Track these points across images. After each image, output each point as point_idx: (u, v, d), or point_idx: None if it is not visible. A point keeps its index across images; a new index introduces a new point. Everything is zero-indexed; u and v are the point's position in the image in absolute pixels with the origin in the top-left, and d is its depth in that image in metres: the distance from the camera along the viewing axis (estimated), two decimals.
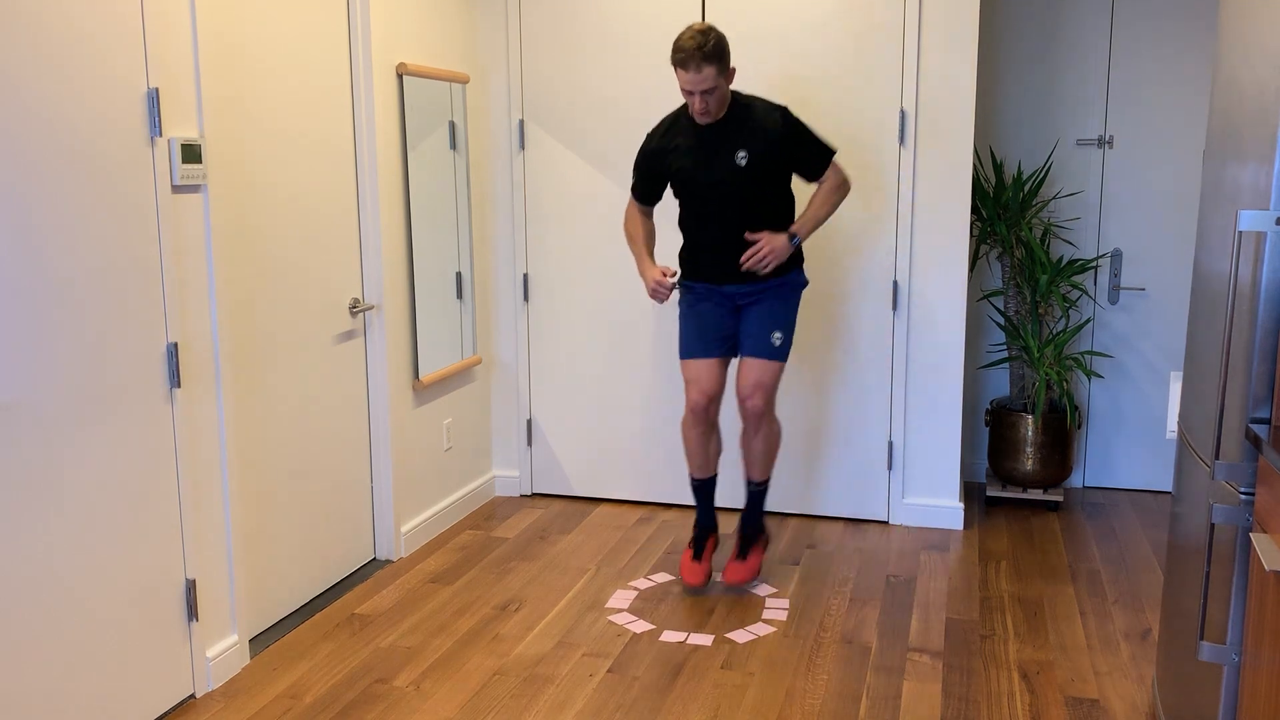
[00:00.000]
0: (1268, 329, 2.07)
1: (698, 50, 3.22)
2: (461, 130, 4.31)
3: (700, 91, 3.30)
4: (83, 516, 2.59)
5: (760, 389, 3.56)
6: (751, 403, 3.57)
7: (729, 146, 3.43)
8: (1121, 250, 4.66)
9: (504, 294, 4.64)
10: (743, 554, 3.72)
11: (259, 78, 3.25)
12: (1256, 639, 2.03)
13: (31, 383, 2.44)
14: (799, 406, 4.40)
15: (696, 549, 3.73)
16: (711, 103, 3.35)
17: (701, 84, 3.28)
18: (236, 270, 3.17)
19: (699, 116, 3.41)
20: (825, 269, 4.29)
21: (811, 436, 4.41)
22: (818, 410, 4.38)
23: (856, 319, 4.29)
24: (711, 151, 3.45)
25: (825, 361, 4.35)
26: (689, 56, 3.23)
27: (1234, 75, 2.40)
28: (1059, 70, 4.61)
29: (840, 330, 4.32)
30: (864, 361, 4.31)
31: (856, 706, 2.95)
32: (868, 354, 4.30)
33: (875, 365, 4.30)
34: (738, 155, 3.42)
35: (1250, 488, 2.10)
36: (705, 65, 3.24)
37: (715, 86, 3.30)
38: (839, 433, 4.39)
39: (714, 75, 3.27)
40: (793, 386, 4.39)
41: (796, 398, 4.40)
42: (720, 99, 3.37)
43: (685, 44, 3.24)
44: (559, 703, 2.97)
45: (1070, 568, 3.93)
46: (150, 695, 2.85)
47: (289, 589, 3.51)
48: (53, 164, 2.47)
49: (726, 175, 3.44)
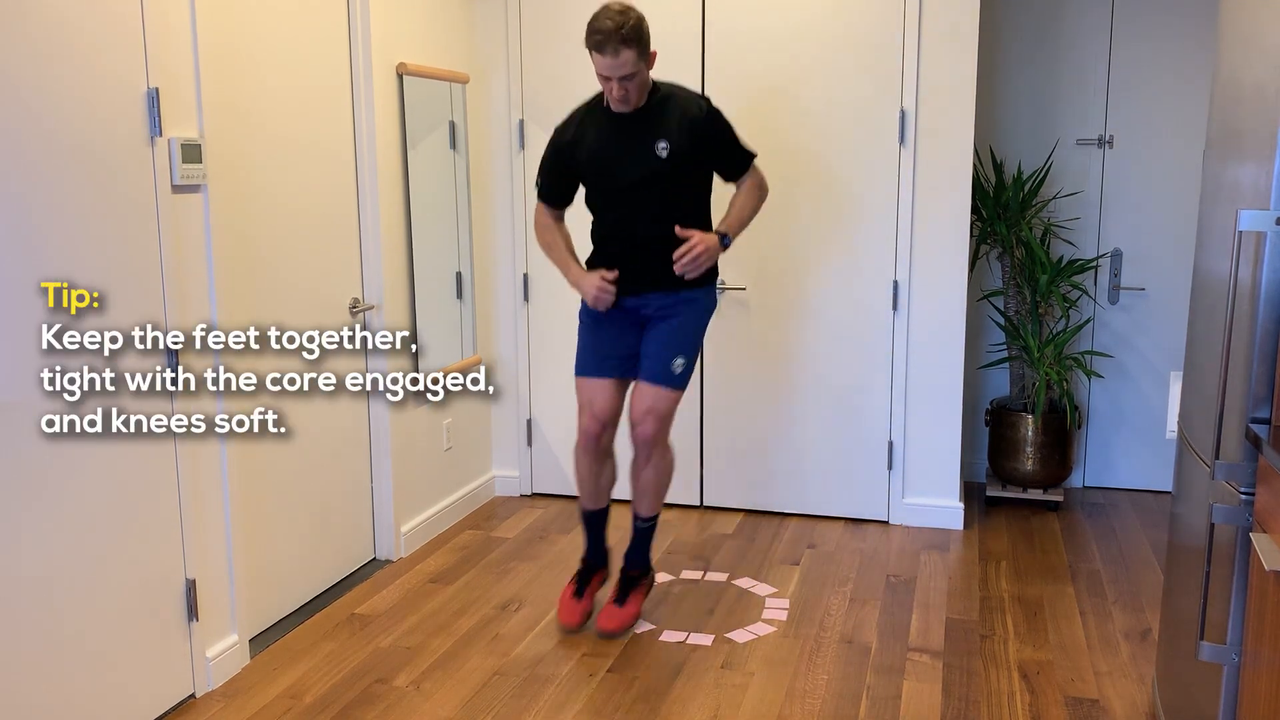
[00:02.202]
0: (1268, 329, 2.07)
1: (616, 31, 2.97)
2: (461, 130, 4.31)
3: (619, 78, 3.04)
4: (83, 516, 2.59)
5: (653, 415, 3.26)
6: (642, 429, 3.27)
7: (648, 137, 3.17)
8: (1121, 250, 4.66)
9: (504, 294, 4.63)
10: (621, 598, 3.40)
11: (259, 78, 3.25)
12: (1256, 639, 2.03)
13: (32, 382, 2.44)
14: (799, 407, 4.40)
15: (579, 585, 3.45)
16: (631, 89, 3.09)
17: (620, 69, 3.02)
18: (236, 270, 3.16)
19: (617, 105, 3.15)
20: (825, 269, 4.28)
21: (811, 436, 4.41)
22: (818, 410, 4.38)
23: (856, 319, 4.29)
24: (629, 143, 3.19)
25: (825, 361, 4.34)
26: (606, 39, 2.99)
27: (1234, 75, 2.40)
28: (1059, 70, 4.61)
29: (840, 330, 4.32)
30: (864, 361, 4.30)
31: (856, 706, 2.95)
32: (868, 354, 4.30)
33: (875, 365, 4.30)
34: (658, 146, 3.15)
35: (1250, 488, 2.10)
36: (624, 49, 2.99)
37: (635, 72, 3.05)
38: (839, 433, 4.39)
39: (634, 59, 3.02)
40: (793, 387, 4.39)
41: (797, 398, 4.40)
42: (640, 85, 3.11)
43: (602, 25, 3.00)
44: (559, 703, 2.97)
45: (1070, 568, 3.93)
46: (150, 695, 2.85)
47: (289, 589, 3.51)
48: (53, 164, 2.47)
49: (646, 168, 3.17)
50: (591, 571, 3.50)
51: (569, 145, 3.30)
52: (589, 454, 3.39)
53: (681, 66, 4.27)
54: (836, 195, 4.24)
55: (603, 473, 3.44)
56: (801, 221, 4.27)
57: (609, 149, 3.23)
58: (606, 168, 3.25)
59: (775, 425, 4.43)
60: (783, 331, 4.37)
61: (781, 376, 4.38)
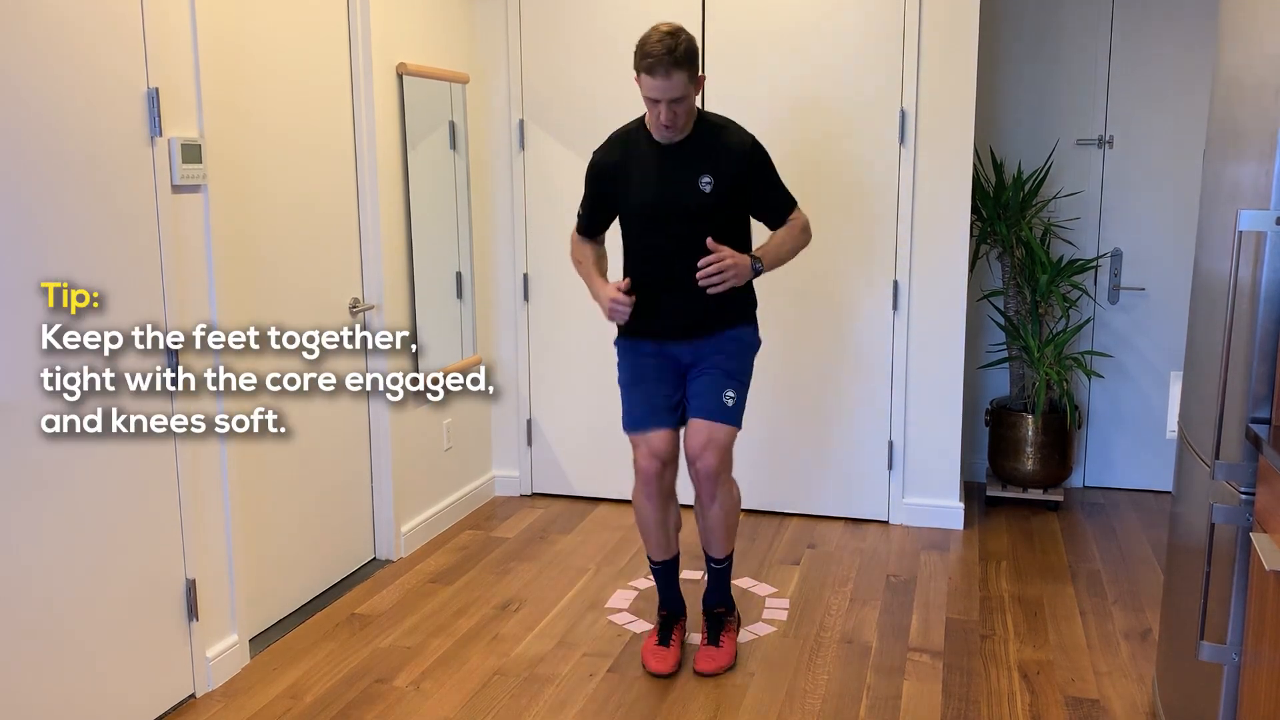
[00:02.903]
0: (1268, 329, 2.07)
1: (668, 55, 2.86)
2: (461, 130, 4.31)
3: (669, 101, 2.92)
4: (83, 516, 2.59)
5: (712, 447, 3.09)
6: (703, 463, 3.09)
7: (692, 170, 3.03)
8: (1121, 250, 4.66)
9: (504, 294, 4.63)
10: (714, 637, 3.25)
11: (259, 78, 3.25)
12: (1256, 639, 2.03)
13: (32, 382, 2.44)
14: (799, 407, 4.40)
15: (662, 635, 3.26)
16: (680, 114, 2.96)
17: (670, 92, 2.90)
18: (236, 270, 3.16)
19: (663, 131, 3.01)
20: (825, 269, 4.28)
21: (811, 436, 4.41)
22: (818, 410, 4.38)
23: (856, 319, 4.29)
24: (671, 174, 3.05)
25: (825, 361, 4.34)
26: (658, 61, 2.86)
27: (1234, 75, 2.40)
28: (1059, 70, 4.61)
29: (840, 330, 4.32)
30: (864, 361, 4.30)
31: (856, 706, 2.95)
32: (868, 354, 4.30)
33: (875, 365, 4.30)
34: (702, 180, 3.02)
35: (1250, 488, 2.10)
36: (676, 71, 2.87)
37: (684, 95, 2.93)
38: (839, 433, 4.39)
39: (684, 83, 2.90)
40: (793, 387, 4.39)
41: (797, 398, 4.40)
42: (688, 111, 2.99)
43: (653, 48, 2.88)
44: (559, 703, 2.97)
45: (1070, 568, 3.93)
46: (150, 695, 2.85)
47: (289, 589, 3.51)
48: (53, 164, 2.47)
49: (687, 203, 3.03)
50: (673, 621, 3.30)
51: (608, 171, 3.16)
52: (651, 497, 3.16)
53: None
54: (836, 195, 4.24)
55: (668, 517, 3.22)
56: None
57: (649, 179, 3.08)
58: (645, 199, 3.10)
59: (775, 425, 4.43)
60: (782, 331, 4.36)
61: (781, 377, 4.38)
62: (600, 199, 3.20)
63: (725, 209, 3.06)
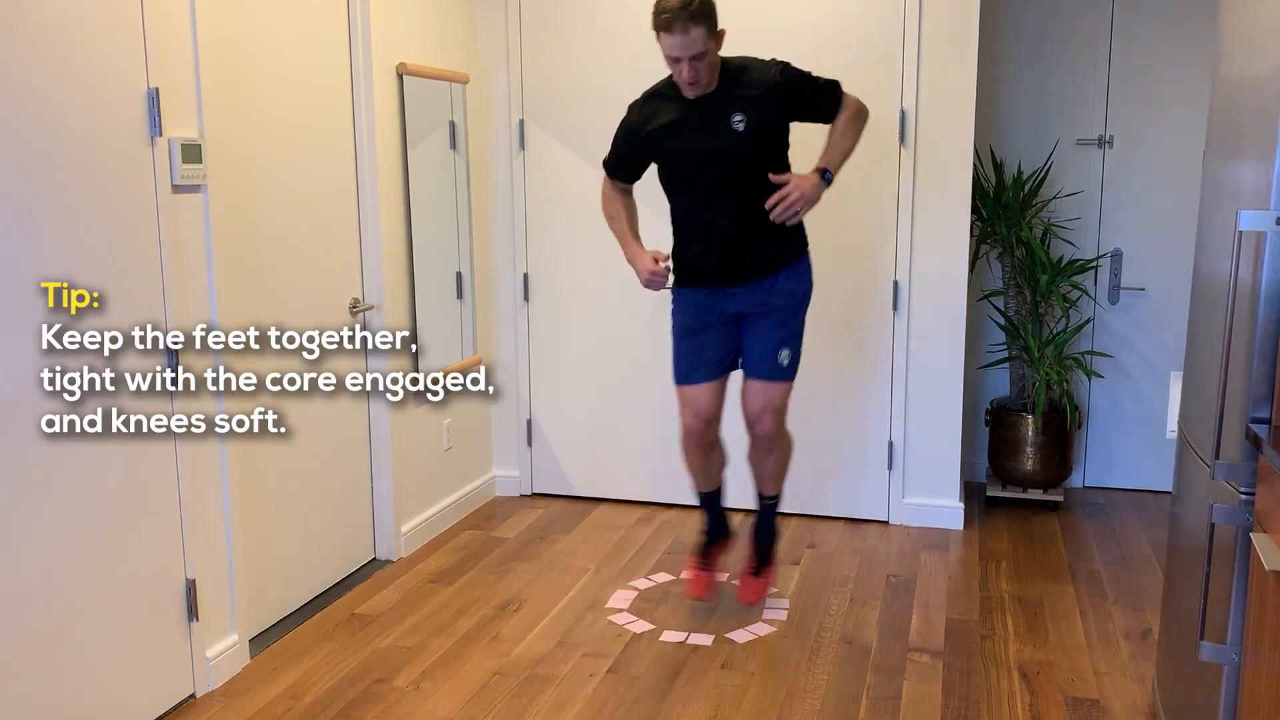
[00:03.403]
0: (1268, 329, 2.07)
1: (683, 9, 2.83)
2: (461, 130, 4.31)
3: (689, 58, 2.90)
4: (83, 516, 2.59)
5: (769, 410, 3.22)
6: (760, 426, 3.25)
7: (723, 113, 3.03)
8: (1121, 250, 4.66)
9: (504, 294, 4.63)
10: (758, 569, 3.49)
11: (259, 78, 3.25)
12: (1256, 639, 2.03)
13: (32, 382, 2.44)
14: (799, 407, 4.37)
15: (704, 558, 3.51)
16: (701, 70, 2.95)
17: (690, 48, 2.88)
18: (236, 270, 3.16)
19: (688, 88, 3.01)
20: (825, 269, 4.27)
21: (811, 436, 4.40)
22: (817, 410, 4.38)
23: (856, 319, 4.29)
24: (704, 121, 3.05)
25: (825, 361, 4.34)
26: (674, 16, 2.84)
27: (1234, 75, 2.40)
28: (1059, 70, 4.61)
29: (840, 330, 4.31)
30: (864, 361, 4.30)
31: (856, 706, 2.95)
32: (868, 354, 4.30)
33: (875, 365, 4.30)
34: (734, 120, 3.02)
35: (1250, 488, 2.10)
36: (693, 25, 2.85)
37: (705, 51, 2.90)
38: (839, 433, 4.39)
39: (703, 37, 2.88)
40: (793, 386, 4.38)
41: (797, 398, 4.37)
42: (710, 66, 2.98)
43: (669, 4, 2.85)
44: (559, 703, 2.97)
45: (1070, 568, 3.93)
46: (150, 695, 2.85)
47: (289, 589, 3.51)
48: (53, 164, 2.47)
49: (724, 144, 3.04)
50: (713, 542, 3.52)
51: (639, 126, 3.16)
52: (696, 449, 3.35)
53: None
54: (837, 195, 4.21)
55: (712, 460, 3.41)
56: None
57: (682, 130, 3.08)
58: (680, 147, 3.11)
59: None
60: None
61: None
62: (631, 151, 3.22)
63: (761, 143, 3.08)
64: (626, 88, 4.34)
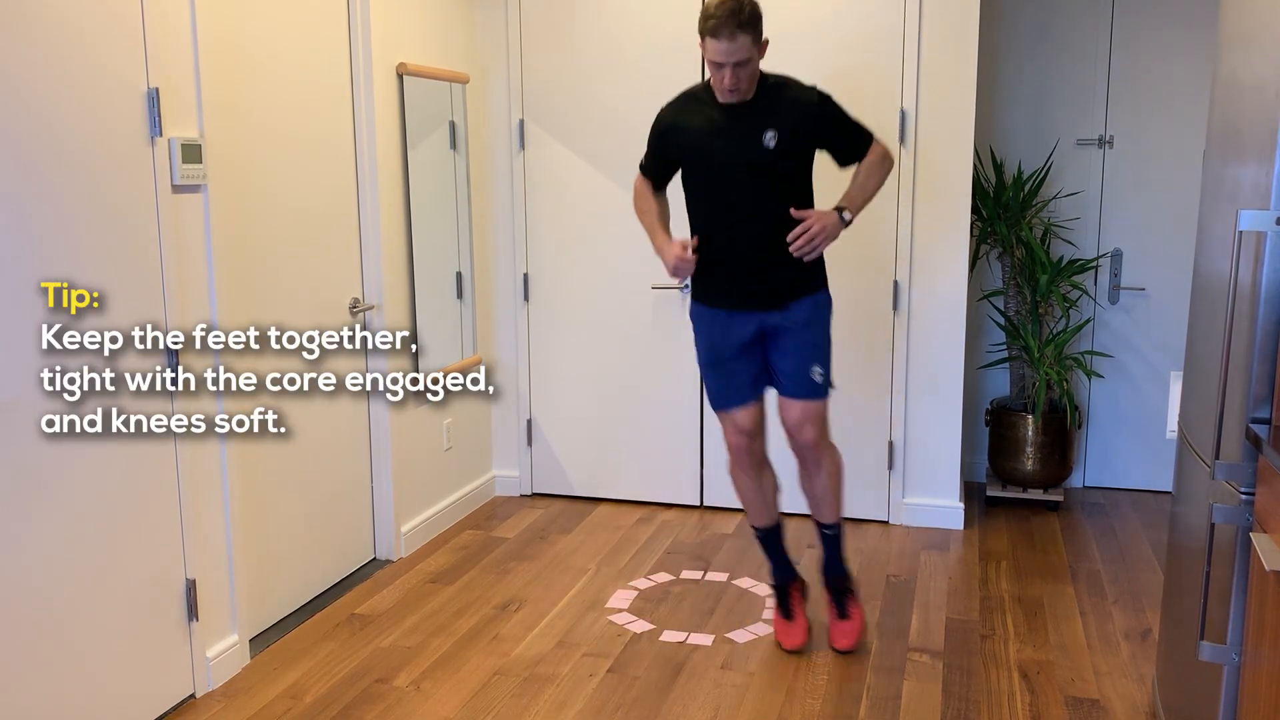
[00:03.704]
0: (1268, 329, 2.07)
1: (731, 16, 2.85)
2: (461, 130, 4.31)
3: (733, 64, 2.90)
4: (83, 516, 2.59)
5: (809, 420, 3.18)
6: (802, 436, 3.19)
7: (756, 127, 3.03)
8: (1121, 250, 4.66)
9: (504, 294, 4.63)
10: (842, 611, 3.31)
11: (259, 78, 3.25)
12: (1256, 639, 2.03)
13: (32, 382, 2.44)
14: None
15: (784, 608, 3.35)
16: (743, 78, 2.95)
17: (734, 55, 2.88)
18: (236, 270, 3.16)
19: (726, 94, 3.00)
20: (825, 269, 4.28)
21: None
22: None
23: (856, 319, 4.28)
24: (734, 132, 3.04)
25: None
26: (721, 23, 2.86)
27: (1234, 75, 2.40)
28: (1059, 70, 4.61)
29: (840, 330, 4.30)
30: (864, 361, 4.30)
31: (856, 706, 2.95)
32: (868, 354, 4.30)
33: (875, 365, 4.30)
34: (765, 135, 3.01)
35: (1250, 488, 2.10)
36: (740, 34, 2.87)
37: (749, 59, 2.92)
38: (839, 433, 4.35)
39: (748, 45, 2.89)
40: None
41: None
42: (751, 75, 2.98)
43: (717, 10, 2.87)
44: (559, 703, 2.97)
45: (1070, 568, 3.93)
46: (150, 695, 2.85)
47: (289, 589, 3.51)
48: (53, 164, 2.47)
49: (751, 158, 3.03)
50: (787, 589, 3.38)
51: (670, 129, 3.16)
52: (744, 468, 3.28)
53: (681, 66, 4.27)
54: (837, 195, 4.22)
55: (763, 484, 3.31)
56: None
57: (712, 138, 3.08)
58: (709, 156, 3.10)
59: (775, 425, 4.42)
60: None
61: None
62: (662, 153, 3.21)
63: (789, 164, 3.08)
64: (627, 87, 4.36)
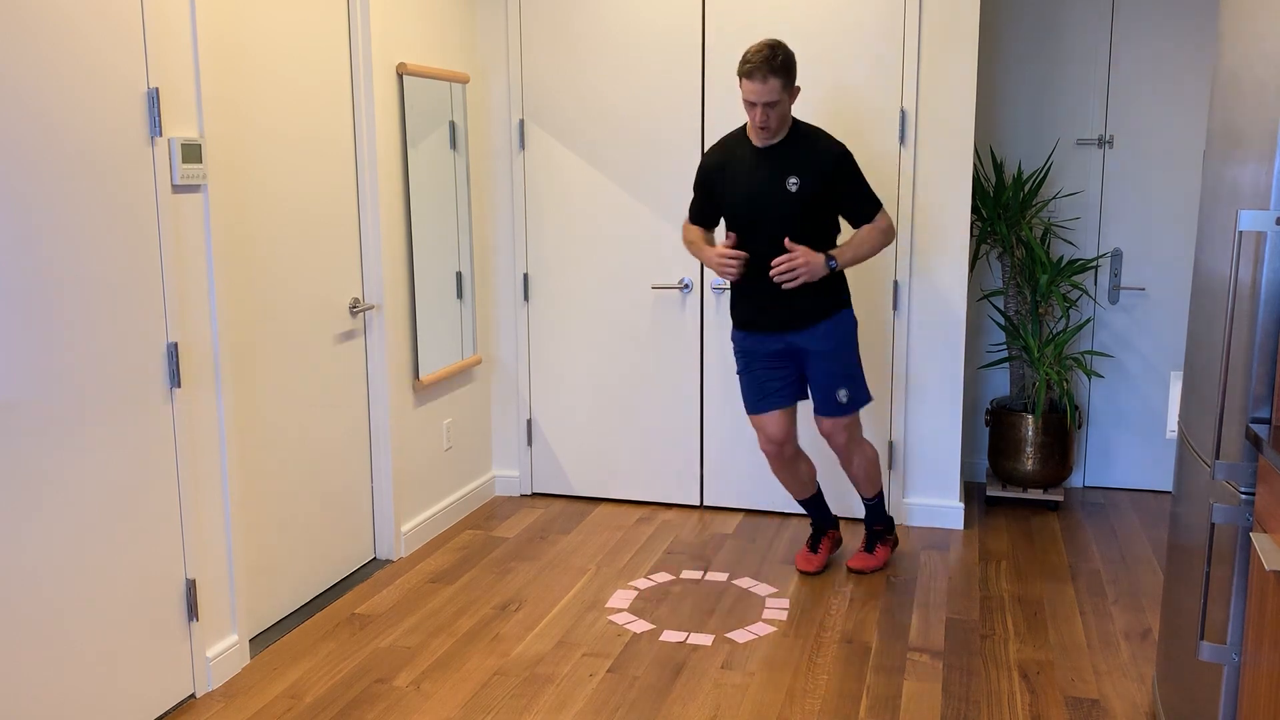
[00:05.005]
0: (1268, 329, 2.07)
1: (765, 63, 3.26)
2: (461, 130, 4.31)
3: (764, 104, 3.31)
4: (83, 516, 2.59)
5: (838, 430, 3.66)
6: (834, 442, 3.69)
7: (782, 171, 3.43)
8: (1121, 250, 4.66)
9: (504, 294, 4.64)
10: (870, 547, 3.87)
11: (259, 78, 3.25)
12: (1256, 639, 2.03)
13: (31, 382, 2.44)
14: (799, 406, 4.39)
15: (812, 541, 3.88)
16: (773, 117, 3.36)
17: (766, 95, 3.30)
18: (236, 270, 3.17)
19: (758, 133, 3.42)
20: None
21: (812, 436, 4.41)
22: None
23: (857, 319, 4.28)
24: (763, 173, 3.45)
25: None
26: (756, 67, 3.27)
27: (1234, 75, 2.40)
28: (1059, 70, 4.61)
29: None
30: (864, 361, 4.30)
31: (856, 706, 2.95)
32: (868, 354, 4.30)
33: (875, 365, 4.30)
34: (789, 181, 3.42)
35: (1250, 488, 2.10)
36: (772, 77, 3.28)
37: (779, 100, 3.32)
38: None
39: (779, 88, 3.30)
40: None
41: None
42: (781, 116, 3.38)
43: (753, 55, 3.28)
44: (559, 703, 2.97)
45: (1070, 568, 3.93)
46: (150, 695, 2.85)
47: (289, 589, 3.51)
48: (53, 164, 2.47)
49: (776, 200, 3.43)
50: (821, 532, 3.90)
51: (714, 168, 3.56)
52: (779, 469, 3.77)
53: (681, 66, 4.27)
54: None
55: (798, 473, 3.79)
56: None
57: (744, 177, 3.48)
58: (740, 196, 3.49)
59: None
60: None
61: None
62: (706, 198, 3.63)
63: (811, 208, 3.45)
64: (626, 88, 4.37)
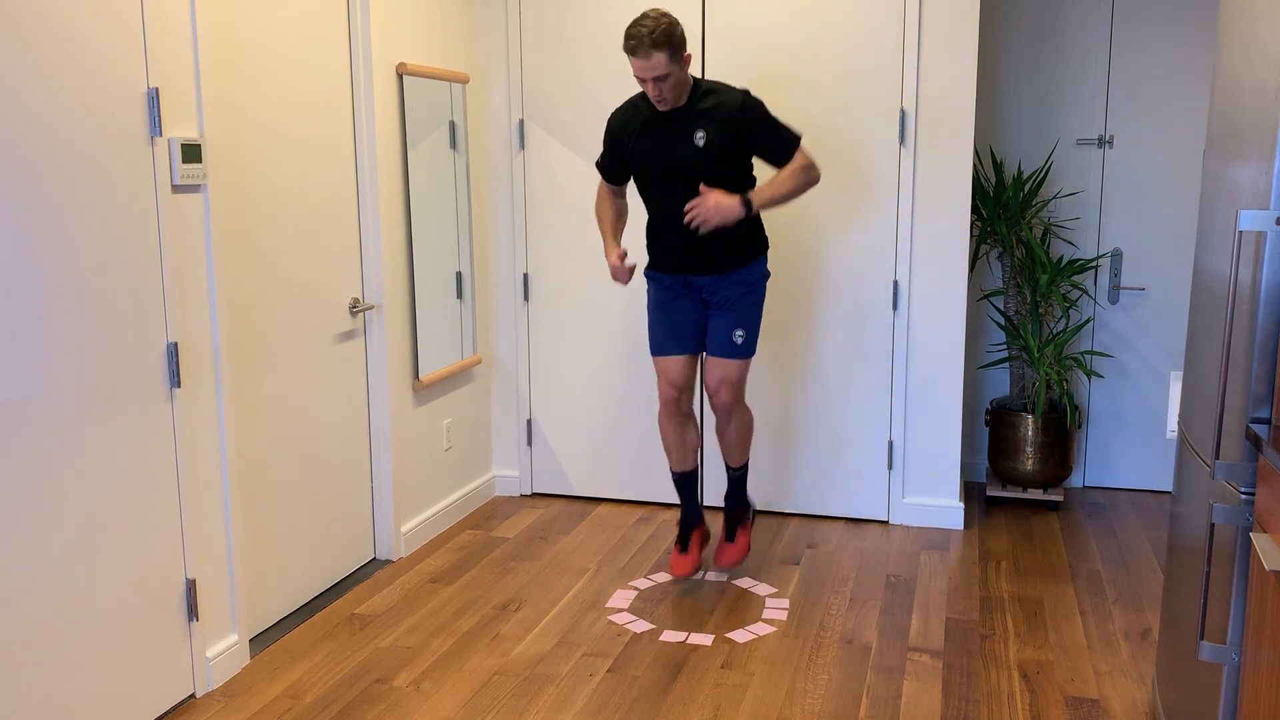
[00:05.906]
0: (1268, 329, 2.07)
1: (648, 36, 3.20)
2: (461, 130, 4.31)
3: (653, 79, 3.27)
4: (82, 516, 2.59)
5: (726, 384, 3.59)
6: (719, 398, 3.61)
7: (687, 129, 3.40)
8: (1121, 250, 4.66)
9: (504, 294, 4.64)
10: (730, 536, 3.79)
11: (259, 78, 3.25)
12: (1256, 639, 2.03)
13: (31, 382, 2.44)
14: (799, 406, 4.40)
15: (683, 543, 3.77)
16: (666, 89, 3.31)
17: (652, 70, 3.25)
18: (236, 270, 3.16)
19: (657, 104, 3.38)
20: (825, 268, 4.29)
21: (812, 436, 4.41)
22: (818, 410, 4.38)
23: (856, 319, 4.29)
24: (670, 134, 3.43)
25: (825, 361, 4.34)
26: (639, 43, 3.22)
27: (1234, 75, 2.40)
28: (1059, 70, 4.61)
29: (840, 330, 4.32)
30: (864, 361, 4.30)
31: (856, 706, 2.95)
32: (868, 354, 4.30)
33: (875, 365, 4.30)
34: (695, 136, 3.39)
35: (1250, 488, 2.10)
36: (655, 51, 3.21)
37: (668, 73, 3.27)
38: (839, 433, 4.39)
39: (665, 62, 3.24)
40: (793, 386, 4.39)
41: (797, 398, 4.40)
42: (675, 85, 3.33)
43: (635, 31, 3.22)
44: (559, 703, 2.97)
45: (1070, 568, 3.93)
46: (150, 695, 2.85)
47: (289, 589, 3.51)
48: (53, 164, 2.47)
49: (684, 157, 3.41)
50: (690, 528, 3.79)
51: (618, 129, 3.55)
52: (671, 417, 3.70)
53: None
54: (837, 195, 4.24)
55: (686, 435, 3.73)
56: (801, 221, 4.27)
57: (651, 139, 3.47)
58: (649, 156, 3.48)
59: (776, 425, 4.43)
60: (783, 331, 4.37)
61: (781, 376, 4.39)
62: (616, 158, 3.61)
63: (719, 161, 3.42)
64: (626, 88, 4.36)
